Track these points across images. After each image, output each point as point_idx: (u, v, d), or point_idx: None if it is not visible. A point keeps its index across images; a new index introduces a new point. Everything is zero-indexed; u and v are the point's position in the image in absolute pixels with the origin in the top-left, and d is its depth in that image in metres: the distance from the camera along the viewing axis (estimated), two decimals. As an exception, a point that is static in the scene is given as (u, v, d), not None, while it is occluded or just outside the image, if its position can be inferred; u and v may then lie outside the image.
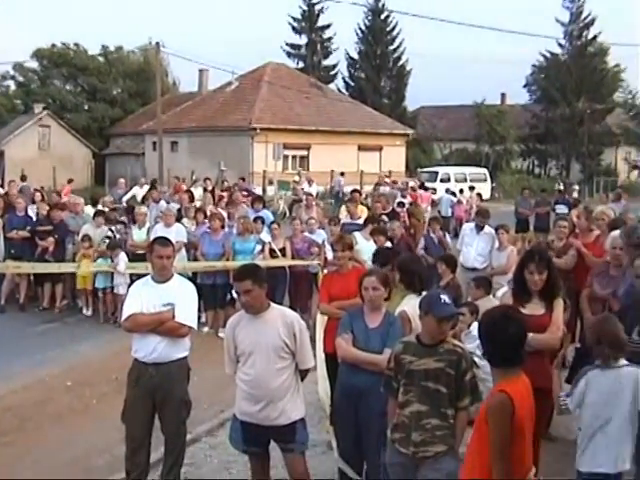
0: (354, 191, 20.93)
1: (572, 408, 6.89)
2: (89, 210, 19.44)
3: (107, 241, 16.83)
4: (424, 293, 7.40)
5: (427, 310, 6.26)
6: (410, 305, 7.59)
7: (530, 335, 7.25)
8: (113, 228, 17.30)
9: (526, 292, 7.58)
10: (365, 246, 13.21)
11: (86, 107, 67.51)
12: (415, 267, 8.57)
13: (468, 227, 15.78)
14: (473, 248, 14.77)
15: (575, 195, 30.82)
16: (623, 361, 6.72)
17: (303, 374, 7.22)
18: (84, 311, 17.36)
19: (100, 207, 19.88)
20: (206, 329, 15.42)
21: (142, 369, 8.09)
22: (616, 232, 9.82)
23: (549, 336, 7.45)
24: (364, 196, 28.65)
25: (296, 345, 6.92)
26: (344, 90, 72.76)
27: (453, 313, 6.24)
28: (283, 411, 6.96)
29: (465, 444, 5.78)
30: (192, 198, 21.28)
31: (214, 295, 15.60)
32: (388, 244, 13.07)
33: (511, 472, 5.25)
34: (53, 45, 68.15)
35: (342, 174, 44.26)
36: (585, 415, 6.82)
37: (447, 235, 16.84)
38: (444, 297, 6.29)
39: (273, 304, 7.17)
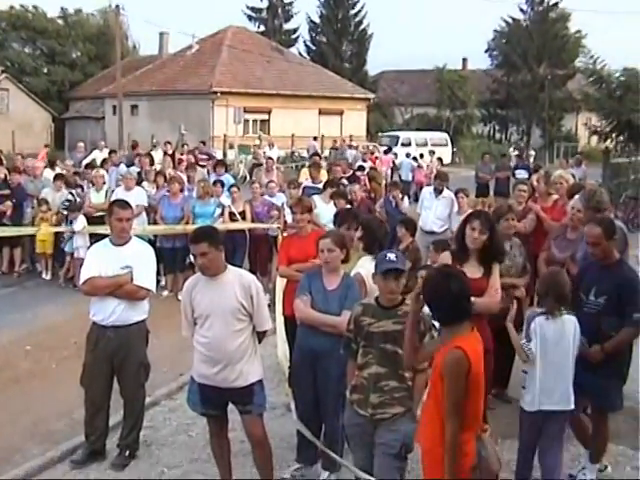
0: (314, 154, 20.89)
1: (533, 352, 7.11)
2: (48, 174, 19.23)
3: (67, 204, 16.68)
4: None
5: (375, 269, 6.29)
6: (365, 267, 7.59)
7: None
8: (73, 192, 17.14)
9: (464, 251, 7.64)
10: (324, 210, 13.20)
11: (45, 70, 66.78)
12: (378, 230, 8.59)
13: (427, 191, 15.79)
14: (432, 212, 14.80)
15: (531, 160, 30.98)
16: (564, 311, 7.08)
17: (260, 336, 7.21)
18: (43, 275, 17.26)
19: (59, 170, 19.67)
20: (165, 293, 15.41)
21: (100, 332, 8.08)
22: (578, 195, 9.86)
23: (488, 299, 7.48)
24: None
25: (253, 307, 6.91)
26: (305, 54, 72.46)
27: (392, 268, 6.16)
28: (241, 373, 6.95)
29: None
30: (152, 162, 21.13)
31: (174, 259, 15.56)
32: (348, 207, 13.06)
33: (465, 427, 5.31)
34: (11, 7, 67.26)
35: (315, 139, 44.29)
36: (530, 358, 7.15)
37: (406, 199, 16.84)
38: (390, 255, 6.29)
39: (230, 266, 7.13)
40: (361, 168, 23.84)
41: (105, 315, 8.02)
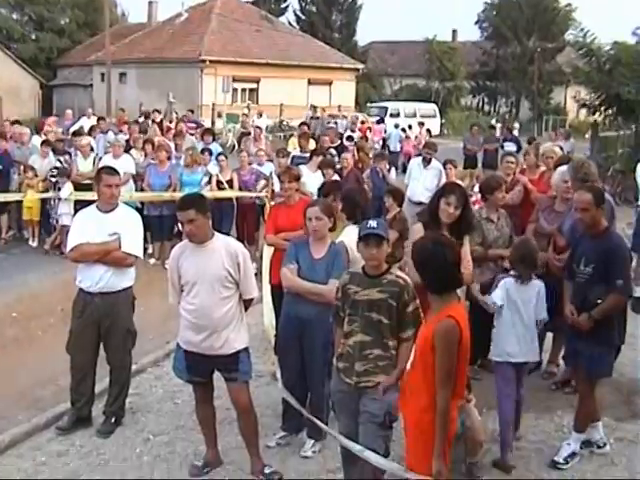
0: (302, 124, 20.84)
1: (498, 304, 7.60)
2: (36, 141, 19.11)
3: (55, 172, 16.60)
4: None
5: (358, 236, 6.29)
6: (349, 236, 7.58)
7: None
8: (61, 159, 17.06)
9: (436, 222, 7.70)
10: (311, 179, 13.19)
11: (33, 37, 66.25)
12: (358, 199, 8.58)
13: (415, 162, 15.79)
14: (420, 182, 14.81)
15: (515, 133, 31.04)
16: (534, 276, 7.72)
17: (247, 304, 7.21)
18: (30, 242, 17.19)
19: (44, 137, 19.53)
20: (153, 260, 15.39)
21: (87, 299, 8.08)
22: (564, 167, 9.85)
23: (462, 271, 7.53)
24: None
25: (240, 275, 6.90)
26: (295, 24, 71.94)
27: (372, 233, 6.16)
28: (227, 341, 6.95)
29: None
30: (141, 130, 21.04)
31: (161, 226, 15.53)
32: (336, 177, 13.06)
33: (455, 395, 5.36)
34: (-1, -27, 66.55)
35: (314, 108, 44.20)
36: (499, 315, 7.62)
37: (393, 170, 16.81)
38: (371, 222, 6.27)
39: (217, 234, 7.11)
40: (350, 138, 23.82)
41: (92, 282, 8.01)
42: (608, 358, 7.50)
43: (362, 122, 35.75)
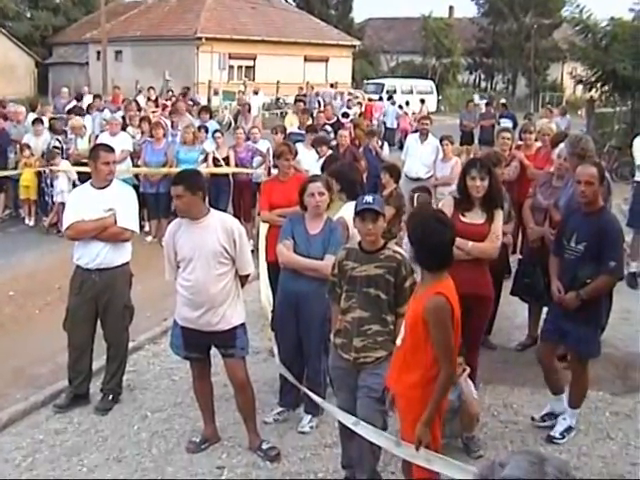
0: (298, 100, 20.79)
1: None
2: (32, 119, 19.06)
3: (57, 150, 16.58)
4: None
5: (354, 211, 6.30)
6: (348, 211, 7.59)
7: (470, 243, 7.41)
8: (60, 138, 17.03)
9: (469, 200, 7.66)
10: (306, 156, 13.19)
11: (28, 15, 65.82)
12: (351, 174, 8.57)
13: (412, 137, 15.80)
14: (417, 158, 14.80)
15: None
16: None
17: (243, 280, 7.21)
18: (26, 221, 17.19)
19: (36, 115, 19.47)
20: (149, 238, 15.41)
21: (85, 275, 8.10)
22: (563, 144, 9.86)
23: (488, 244, 7.57)
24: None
25: (236, 251, 6.90)
26: (291, 0, 71.70)
27: (367, 208, 6.14)
28: (223, 316, 6.96)
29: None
30: (138, 107, 21.00)
31: (157, 204, 15.54)
32: (330, 152, 13.03)
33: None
34: (-6, -50, 66.12)
35: (332, 85, 44.13)
36: None
37: (386, 146, 16.77)
38: (367, 197, 6.27)
39: (213, 210, 7.11)
40: (345, 115, 23.79)
41: (90, 258, 8.03)
42: (595, 338, 7.50)
43: (369, 100, 35.97)
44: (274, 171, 14.36)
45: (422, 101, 39.13)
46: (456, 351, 5.49)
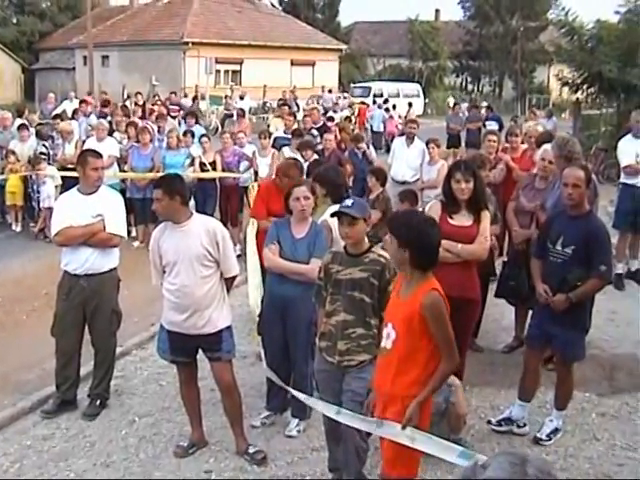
0: (283, 104, 20.79)
1: None
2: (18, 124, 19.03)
3: (44, 157, 16.56)
4: None
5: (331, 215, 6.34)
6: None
7: (459, 246, 7.44)
8: (46, 143, 17.01)
9: (455, 203, 7.69)
10: (293, 160, 13.19)
11: (14, 21, 65.69)
12: (336, 178, 8.56)
13: (399, 141, 15.80)
14: (404, 161, 14.79)
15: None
16: None
17: (229, 283, 7.23)
18: (13, 227, 17.15)
19: (22, 121, 19.41)
20: (137, 243, 15.38)
21: (73, 281, 8.10)
22: (547, 145, 9.88)
23: (477, 246, 7.60)
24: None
25: (219, 253, 6.92)
26: (277, 5, 71.76)
27: (342, 212, 6.17)
28: (209, 320, 6.98)
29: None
30: (126, 113, 21.01)
31: (144, 209, 15.45)
32: (315, 157, 13.05)
33: (432, 365, 5.44)
34: (-21, -44, 66.02)
35: (330, 91, 44.21)
36: None
37: (372, 149, 16.78)
38: (347, 201, 6.30)
39: (196, 214, 7.17)
40: (331, 119, 23.79)
41: (79, 264, 8.04)
42: (581, 341, 7.55)
43: (362, 103, 36.24)
44: (263, 173, 14.51)
45: (410, 104, 39.26)
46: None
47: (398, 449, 5.45)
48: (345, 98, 39.82)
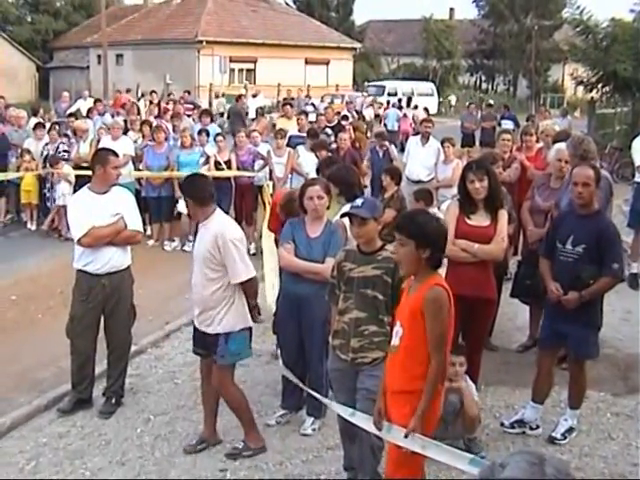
0: (286, 104, 20.72)
1: None
2: (33, 124, 19.06)
3: (62, 154, 16.61)
4: None
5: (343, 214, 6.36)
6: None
7: (476, 246, 7.43)
8: (65, 141, 17.07)
9: (472, 203, 7.68)
10: (307, 159, 13.22)
11: (29, 19, 66.02)
12: (348, 176, 8.53)
13: (414, 140, 15.78)
14: (418, 160, 14.80)
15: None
16: None
17: (247, 288, 7.13)
18: (28, 225, 17.21)
19: (37, 120, 19.46)
20: (151, 242, 15.38)
21: (93, 282, 8.08)
22: (560, 144, 9.85)
23: (494, 246, 7.59)
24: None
25: (222, 259, 6.94)
26: (291, 3, 71.74)
27: (353, 212, 6.20)
28: (213, 321, 7.06)
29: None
30: (139, 111, 21.06)
31: (159, 208, 15.54)
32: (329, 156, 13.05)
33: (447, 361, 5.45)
34: (-5, -45, 66.16)
35: (357, 89, 44.23)
36: None
37: (393, 147, 16.82)
38: (358, 201, 6.35)
39: (217, 214, 7.16)
40: (345, 117, 23.79)
41: (102, 263, 8.03)
42: (594, 339, 7.52)
43: (380, 103, 36.39)
44: (278, 172, 14.54)
45: (426, 109, 39.28)
46: (449, 351, 5.52)
47: (403, 451, 5.45)
48: (308, 96, 39.82)
